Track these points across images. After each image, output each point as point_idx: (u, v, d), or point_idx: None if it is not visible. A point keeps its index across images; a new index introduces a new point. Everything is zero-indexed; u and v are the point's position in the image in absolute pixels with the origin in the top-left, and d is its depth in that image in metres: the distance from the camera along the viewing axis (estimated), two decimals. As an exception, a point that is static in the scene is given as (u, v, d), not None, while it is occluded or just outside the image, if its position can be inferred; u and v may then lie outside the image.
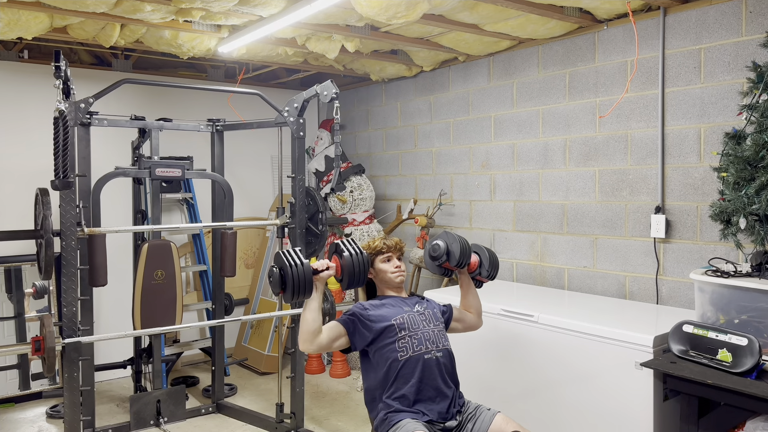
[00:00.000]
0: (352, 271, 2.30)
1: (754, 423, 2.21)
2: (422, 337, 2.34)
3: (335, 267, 2.32)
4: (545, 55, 3.80)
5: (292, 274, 2.16)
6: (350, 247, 2.34)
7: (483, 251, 2.63)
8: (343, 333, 2.32)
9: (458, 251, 2.46)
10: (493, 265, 2.61)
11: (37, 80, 4.34)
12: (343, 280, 2.33)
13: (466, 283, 2.65)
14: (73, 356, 2.98)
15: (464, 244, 2.49)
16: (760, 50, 2.77)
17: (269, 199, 5.55)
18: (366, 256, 2.35)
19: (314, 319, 2.21)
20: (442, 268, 2.53)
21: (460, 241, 2.48)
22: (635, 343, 2.54)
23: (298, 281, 2.16)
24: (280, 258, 2.21)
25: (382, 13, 2.99)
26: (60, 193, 2.89)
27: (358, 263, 2.31)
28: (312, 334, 2.21)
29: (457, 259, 2.46)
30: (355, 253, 2.32)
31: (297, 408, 3.51)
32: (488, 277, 2.61)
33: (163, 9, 3.09)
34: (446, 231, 2.56)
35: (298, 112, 3.49)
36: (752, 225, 2.43)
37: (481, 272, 2.60)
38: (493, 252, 2.65)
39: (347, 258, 2.30)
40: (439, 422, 2.26)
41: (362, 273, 2.33)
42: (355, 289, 2.62)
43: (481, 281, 2.65)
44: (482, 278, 2.62)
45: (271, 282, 2.22)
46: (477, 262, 2.60)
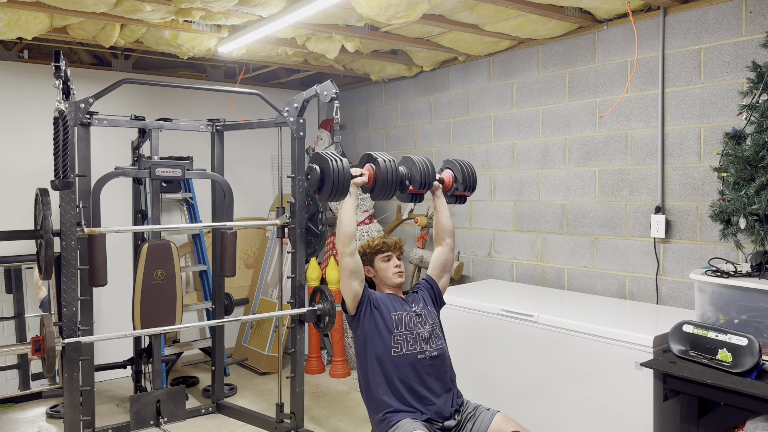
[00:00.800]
0: (385, 179, 2.30)
1: (754, 423, 2.21)
2: (417, 337, 2.35)
3: (369, 174, 2.33)
4: (545, 55, 3.80)
5: (333, 170, 2.19)
6: (384, 156, 2.34)
7: (455, 165, 2.57)
8: (363, 281, 2.37)
9: (418, 173, 2.40)
10: (467, 176, 2.53)
11: (37, 80, 4.34)
12: (375, 189, 2.33)
13: (438, 204, 2.55)
14: (73, 356, 2.98)
15: (425, 165, 2.42)
16: (760, 50, 2.77)
17: (269, 199, 5.55)
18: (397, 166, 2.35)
19: (351, 223, 2.28)
20: (409, 194, 2.46)
21: (419, 162, 2.42)
22: (635, 343, 2.54)
23: (337, 178, 2.19)
24: (319, 157, 2.25)
25: (382, 13, 2.99)
26: (60, 193, 2.89)
27: (392, 171, 2.31)
28: (349, 238, 2.28)
29: (420, 181, 2.40)
30: (390, 161, 2.32)
31: (297, 408, 3.51)
32: (466, 188, 2.54)
33: (163, 9, 3.09)
34: (405, 155, 2.49)
35: (298, 112, 3.49)
36: (752, 225, 2.43)
37: (458, 187, 2.53)
38: (466, 162, 2.57)
39: (382, 164, 2.30)
40: (437, 421, 2.27)
41: (393, 184, 2.33)
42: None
43: (463, 195, 2.58)
44: (461, 192, 2.56)
45: (308, 180, 2.26)
46: (451, 178, 2.54)
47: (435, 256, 2.61)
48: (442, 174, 2.58)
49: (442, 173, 2.59)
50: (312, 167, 2.26)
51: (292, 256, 3.52)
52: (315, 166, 2.26)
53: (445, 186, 2.56)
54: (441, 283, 2.59)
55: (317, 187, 2.25)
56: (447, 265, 2.60)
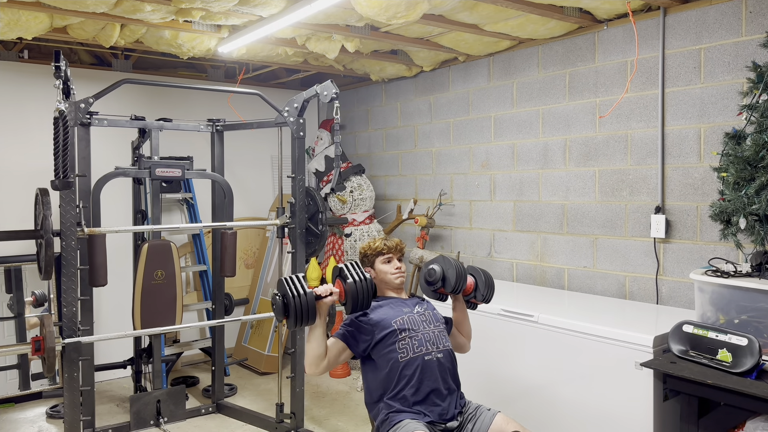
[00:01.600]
0: (356, 297, 2.25)
1: (754, 423, 2.21)
2: (423, 338, 2.34)
3: (339, 292, 2.28)
4: (545, 55, 3.80)
5: (294, 303, 2.13)
6: (354, 272, 2.29)
7: (479, 273, 2.57)
8: (344, 348, 2.32)
9: (454, 277, 2.41)
10: (488, 288, 2.55)
11: (37, 80, 4.34)
12: (347, 304, 2.29)
13: (459, 307, 2.60)
14: (73, 356, 2.98)
15: (460, 269, 2.44)
16: (760, 50, 2.77)
17: (269, 199, 5.55)
18: (371, 280, 2.29)
19: (319, 346, 2.21)
20: (437, 293, 2.49)
21: (455, 266, 2.43)
22: (635, 343, 2.54)
23: (301, 310, 2.13)
24: (282, 285, 2.18)
25: (382, 13, 2.99)
26: (60, 193, 2.89)
27: (362, 290, 2.26)
28: (318, 359, 2.22)
29: (453, 285, 2.42)
30: (360, 278, 2.27)
31: (297, 408, 3.51)
32: (483, 300, 2.56)
33: (163, 9, 3.09)
34: (443, 255, 2.51)
35: (298, 112, 3.49)
36: (752, 225, 2.43)
37: (476, 296, 2.55)
38: (488, 274, 2.59)
39: (351, 284, 2.25)
40: (440, 423, 2.26)
41: (366, 299, 2.28)
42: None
43: (476, 303, 2.61)
44: (477, 301, 2.58)
45: (274, 310, 2.21)
46: (473, 285, 2.55)
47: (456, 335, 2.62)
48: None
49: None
50: (275, 297, 2.19)
51: (292, 256, 3.52)
52: (278, 296, 2.18)
53: (464, 291, 2.56)
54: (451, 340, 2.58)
55: (283, 316, 2.17)
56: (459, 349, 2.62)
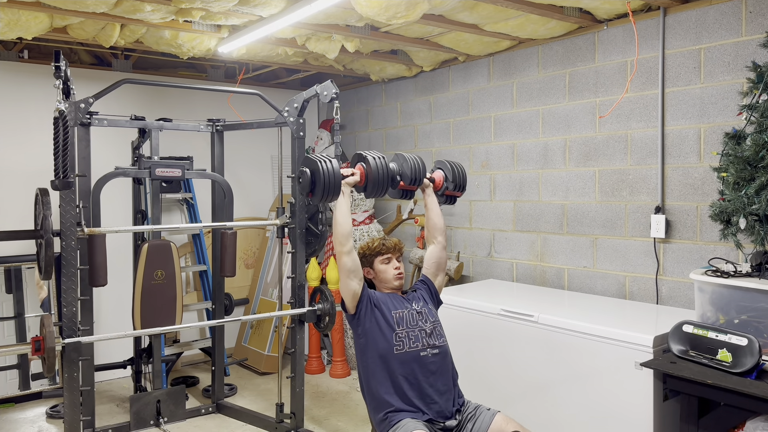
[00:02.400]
0: (376, 177, 2.34)
1: (754, 423, 2.21)
2: (419, 334, 2.36)
3: (360, 173, 2.37)
4: (545, 55, 3.80)
5: (323, 172, 2.22)
6: (374, 154, 2.38)
7: (445, 165, 2.62)
8: (362, 280, 2.38)
9: (409, 169, 2.45)
10: (458, 176, 2.58)
11: (37, 80, 4.34)
12: (367, 187, 2.38)
13: (428, 202, 2.61)
14: (73, 356, 2.98)
15: (415, 162, 2.47)
16: (760, 50, 2.77)
17: (269, 199, 5.55)
18: (390, 166, 2.39)
19: (346, 222, 2.31)
20: (400, 190, 2.51)
21: (410, 159, 2.47)
22: (635, 343, 2.54)
23: (328, 180, 2.23)
24: (309, 161, 2.28)
25: (382, 13, 2.99)
26: (60, 193, 2.89)
27: (382, 168, 2.35)
28: (345, 237, 2.31)
29: (410, 177, 2.45)
30: (380, 159, 2.36)
31: (297, 408, 3.51)
32: (456, 188, 2.59)
33: (163, 9, 3.09)
34: (397, 153, 2.54)
35: (298, 112, 3.49)
36: (752, 225, 2.43)
37: (448, 186, 2.59)
38: (456, 163, 2.62)
39: (372, 162, 2.34)
40: (438, 421, 2.27)
41: (384, 181, 2.37)
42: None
43: (452, 195, 2.63)
44: (451, 192, 2.61)
45: (300, 184, 2.30)
46: (442, 177, 2.59)
47: (428, 255, 2.62)
48: (433, 174, 2.64)
49: (433, 173, 2.65)
50: (302, 170, 2.30)
51: (292, 256, 3.52)
52: (305, 169, 2.29)
53: (435, 185, 2.61)
54: (437, 282, 2.60)
55: (309, 190, 2.29)
56: (441, 263, 2.62)
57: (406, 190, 2.52)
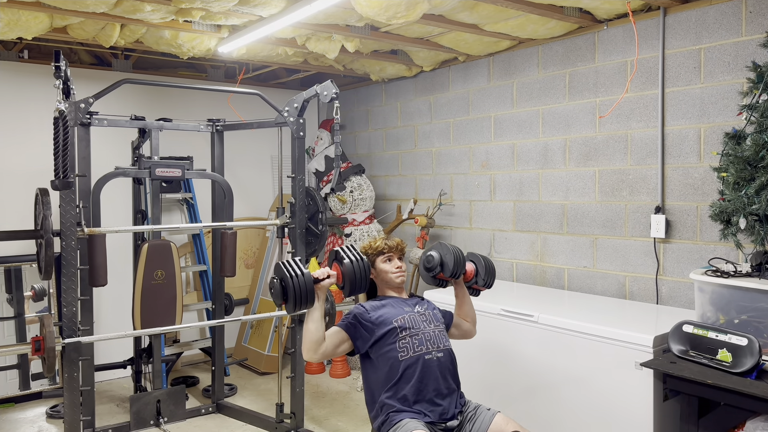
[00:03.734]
0: (353, 278, 2.28)
1: (754, 423, 2.21)
2: (423, 337, 2.34)
3: (336, 274, 2.30)
4: (545, 55, 3.80)
5: (293, 285, 2.14)
6: (350, 253, 2.32)
7: (479, 259, 2.60)
8: (345, 338, 2.32)
9: (452, 262, 2.44)
10: (489, 273, 2.58)
11: (37, 80, 4.34)
12: (345, 287, 2.31)
13: (461, 293, 2.63)
14: (73, 356, 2.98)
15: (458, 254, 2.47)
16: (760, 50, 2.77)
17: (269, 199, 5.55)
18: (367, 262, 2.33)
19: (317, 329, 2.20)
20: (436, 279, 2.52)
21: (453, 251, 2.46)
22: (635, 343, 2.54)
23: (299, 292, 2.14)
24: (280, 269, 2.19)
25: (382, 13, 2.99)
26: (60, 193, 2.89)
27: (359, 269, 2.29)
28: (316, 344, 2.21)
29: (451, 270, 2.45)
30: (356, 259, 2.30)
31: (297, 408, 3.51)
32: (485, 285, 2.59)
33: (163, 9, 3.09)
34: (440, 242, 2.54)
35: (298, 112, 3.49)
36: (752, 225, 2.43)
37: (478, 281, 2.58)
38: (489, 259, 2.62)
39: (348, 265, 2.28)
40: (440, 423, 2.26)
41: (363, 279, 2.31)
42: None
43: (478, 290, 2.63)
44: (479, 287, 2.60)
45: (272, 294, 2.20)
46: (473, 271, 2.58)
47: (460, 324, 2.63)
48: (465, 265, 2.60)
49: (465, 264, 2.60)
50: (273, 280, 2.19)
51: (292, 256, 3.52)
52: (275, 279, 2.19)
53: (465, 277, 2.59)
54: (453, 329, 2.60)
55: (282, 300, 2.18)
56: (465, 336, 2.65)
57: (442, 280, 2.52)
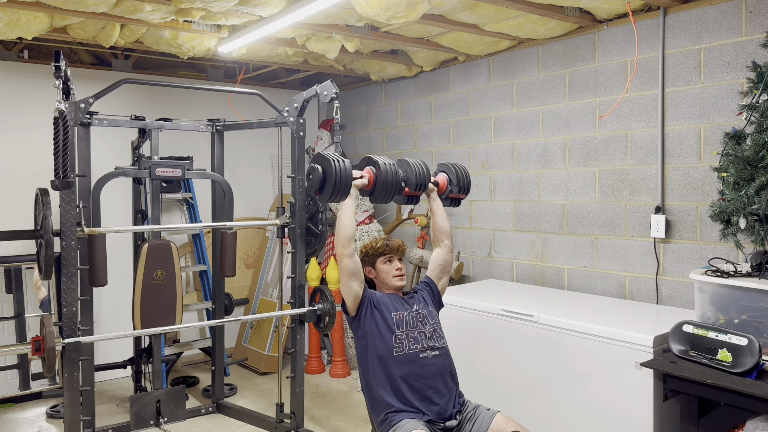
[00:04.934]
0: (385, 182, 2.33)
1: (754, 423, 2.21)
2: (419, 336, 2.36)
3: (368, 177, 2.36)
4: (545, 55, 3.80)
5: (335, 170, 2.21)
6: (384, 159, 2.37)
7: (449, 168, 2.62)
8: (363, 282, 2.38)
9: (414, 174, 2.45)
10: (461, 178, 2.58)
11: (37, 80, 4.34)
12: (375, 191, 2.36)
13: (435, 206, 2.61)
14: (73, 356, 2.98)
15: (419, 167, 2.47)
16: (760, 50, 2.77)
17: (269, 199, 5.55)
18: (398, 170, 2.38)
19: (350, 224, 2.30)
20: (405, 196, 2.50)
21: (414, 165, 2.47)
22: (635, 343, 2.54)
23: (339, 179, 2.22)
24: (321, 158, 2.26)
25: (382, 13, 2.99)
26: (60, 193, 2.89)
27: (392, 174, 2.34)
28: (348, 239, 2.30)
29: (415, 182, 2.45)
30: (390, 164, 2.36)
31: (297, 408, 3.51)
32: (460, 191, 2.58)
33: (163, 9, 3.09)
34: (401, 158, 2.54)
35: (298, 112, 3.49)
36: (752, 225, 2.43)
37: (452, 189, 2.58)
38: (460, 165, 2.62)
39: (383, 167, 2.33)
40: (438, 422, 2.26)
41: (393, 187, 2.36)
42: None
43: (457, 198, 2.63)
44: (455, 195, 2.60)
45: (310, 180, 2.27)
46: (446, 180, 2.59)
47: (434, 258, 2.62)
48: (436, 177, 2.64)
49: (436, 176, 2.64)
50: (314, 167, 2.27)
51: (292, 256, 3.52)
52: (317, 167, 2.27)
53: (439, 189, 2.61)
54: (440, 285, 2.60)
55: (318, 188, 2.27)
56: (446, 266, 2.62)
57: (411, 195, 2.51)
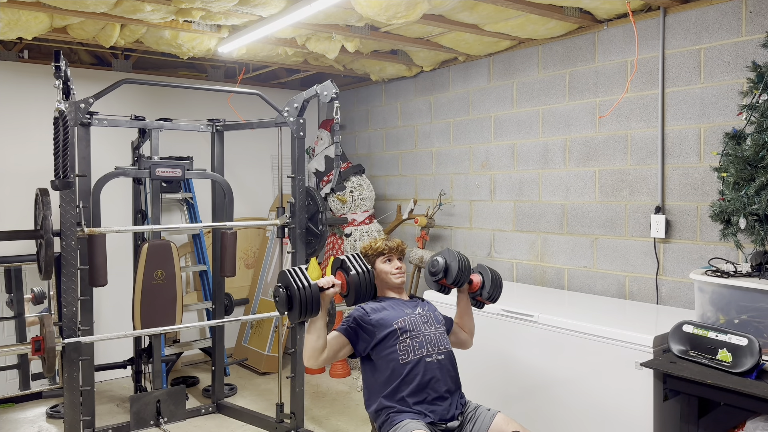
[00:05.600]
0: (359, 289, 2.27)
1: (754, 423, 2.21)
2: (423, 339, 2.34)
3: (341, 283, 2.29)
4: (545, 55, 3.80)
5: (299, 295, 2.12)
6: (357, 264, 2.30)
7: (486, 272, 2.57)
8: (345, 343, 2.32)
9: (456, 270, 2.42)
10: (495, 287, 2.54)
11: (37, 80, 4.34)
12: (349, 296, 2.30)
13: (463, 302, 2.61)
14: (73, 356, 2.98)
15: (463, 263, 2.44)
16: (760, 50, 2.77)
17: (269, 199, 5.55)
18: (372, 272, 2.32)
19: (319, 338, 2.21)
20: (439, 284, 2.49)
21: (459, 259, 2.43)
22: (635, 343, 2.54)
23: (305, 301, 2.13)
24: (285, 277, 2.17)
25: (382, 13, 2.99)
26: (60, 193, 2.89)
27: (365, 281, 2.28)
28: (317, 351, 2.21)
29: (455, 278, 2.42)
30: (363, 270, 2.29)
31: (297, 408, 3.51)
32: (489, 298, 2.55)
33: (163, 9, 3.09)
34: (448, 248, 2.52)
35: (298, 112, 3.49)
36: (752, 225, 2.43)
37: (482, 293, 2.55)
38: (497, 273, 2.58)
39: (354, 277, 2.26)
40: (440, 423, 2.26)
41: (369, 290, 2.29)
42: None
43: (482, 302, 2.60)
44: (483, 299, 2.57)
45: (277, 302, 2.19)
46: (479, 283, 2.55)
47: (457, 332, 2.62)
48: (472, 275, 2.57)
49: (472, 275, 2.57)
50: (278, 289, 2.18)
51: (292, 256, 3.52)
52: (281, 288, 2.17)
53: (471, 288, 2.56)
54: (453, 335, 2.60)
55: (287, 309, 2.17)
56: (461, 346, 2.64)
57: (445, 286, 2.50)
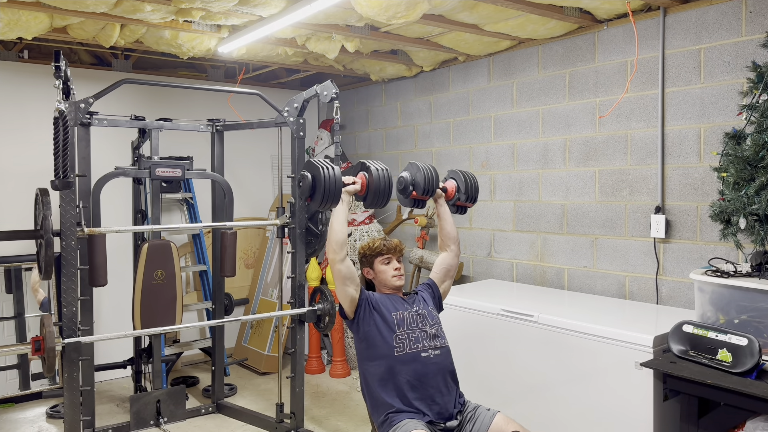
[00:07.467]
0: (378, 187, 2.33)
1: (754, 423, 2.21)
2: (419, 335, 2.35)
3: (361, 183, 2.35)
4: (545, 55, 3.80)
5: (324, 178, 2.20)
6: (377, 165, 2.36)
7: (458, 175, 2.61)
8: (359, 285, 2.37)
9: (422, 179, 2.44)
10: (470, 187, 2.57)
11: (37, 80, 4.34)
12: (367, 196, 2.35)
13: (442, 211, 2.62)
14: (73, 356, 2.98)
15: (428, 171, 2.46)
16: (760, 50, 2.77)
17: (269, 199, 5.55)
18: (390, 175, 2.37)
19: (342, 230, 2.29)
20: (411, 199, 2.50)
21: (423, 169, 2.45)
22: (635, 343, 2.55)
23: (329, 186, 2.20)
24: (311, 165, 2.25)
25: (382, 13, 2.99)
26: (60, 193, 2.89)
27: (384, 179, 2.33)
28: (340, 245, 2.29)
29: (423, 187, 2.44)
30: (383, 170, 2.35)
31: (297, 408, 3.51)
32: (468, 200, 2.58)
33: (163, 9, 3.09)
34: (411, 161, 2.53)
35: (298, 112, 3.49)
36: (752, 225, 2.43)
37: (460, 197, 2.58)
38: (470, 174, 2.61)
39: (375, 173, 2.32)
40: (439, 422, 2.26)
41: (386, 192, 2.35)
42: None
43: (463, 206, 2.63)
44: (462, 203, 2.60)
45: (300, 187, 2.27)
46: (455, 188, 2.58)
47: (439, 261, 2.63)
48: (445, 183, 2.62)
49: (445, 182, 2.63)
50: (304, 175, 2.27)
51: (292, 256, 3.52)
52: (307, 174, 2.26)
53: (447, 195, 2.60)
54: (442, 288, 2.61)
55: (309, 195, 2.26)
56: (450, 270, 2.63)
57: (418, 199, 2.51)
